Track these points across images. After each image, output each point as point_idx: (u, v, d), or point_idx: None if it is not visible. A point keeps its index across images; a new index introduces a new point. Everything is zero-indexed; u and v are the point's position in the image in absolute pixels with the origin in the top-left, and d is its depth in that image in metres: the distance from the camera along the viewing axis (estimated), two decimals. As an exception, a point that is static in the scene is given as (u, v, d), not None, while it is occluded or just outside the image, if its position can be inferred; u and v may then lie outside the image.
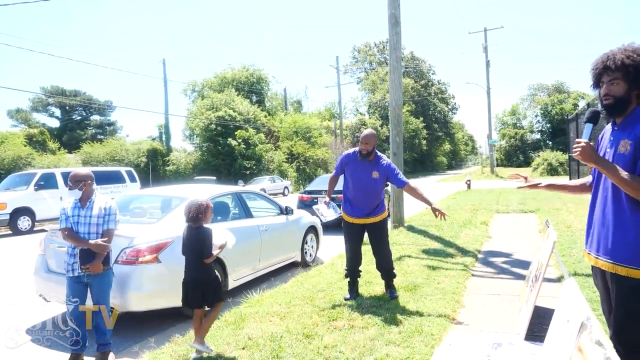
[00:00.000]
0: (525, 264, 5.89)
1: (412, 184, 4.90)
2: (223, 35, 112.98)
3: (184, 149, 36.62)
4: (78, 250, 3.69)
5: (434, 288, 5.14)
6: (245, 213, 6.20)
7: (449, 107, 71.47)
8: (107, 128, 52.31)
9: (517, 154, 59.58)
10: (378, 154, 4.94)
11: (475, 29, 38.84)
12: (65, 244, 3.87)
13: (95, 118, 52.73)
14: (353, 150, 5.02)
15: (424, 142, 59.35)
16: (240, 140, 31.27)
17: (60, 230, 3.79)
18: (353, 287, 5.01)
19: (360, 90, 65.29)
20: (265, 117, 37.48)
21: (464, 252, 7.15)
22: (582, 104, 41.14)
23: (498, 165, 43.40)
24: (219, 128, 31.49)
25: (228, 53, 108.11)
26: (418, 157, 60.06)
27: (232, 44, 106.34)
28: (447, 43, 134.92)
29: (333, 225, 9.14)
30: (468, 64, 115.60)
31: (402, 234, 9.04)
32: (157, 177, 31.48)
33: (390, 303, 4.64)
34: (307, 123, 39.15)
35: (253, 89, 40.46)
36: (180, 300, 3.87)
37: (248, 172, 30.77)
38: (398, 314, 4.29)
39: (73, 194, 3.80)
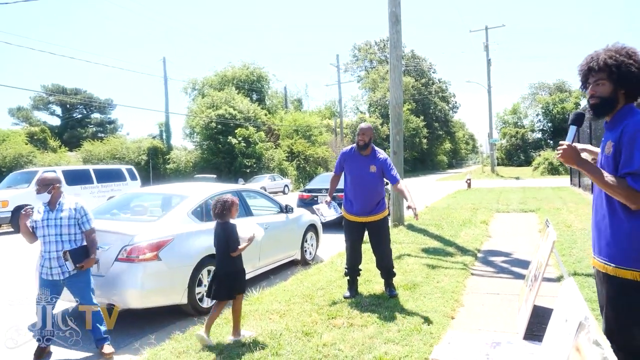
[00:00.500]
0: (525, 264, 5.90)
1: (402, 184, 4.89)
2: (223, 34, 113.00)
3: (184, 147, 36.64)
4: (62, 251, 3.81)
5: (434, 287, 5.16)
6: (246, 211, 6.20)
7: (450, 105, 71.41)
8: (107, 126, 52.37)
9: (518, 153, 59.49)
10: (375, 148, 4.94)
11: (476, 28, 38.85)
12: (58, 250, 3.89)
13: (96, 116, 52.76)
14: (350, 147, 5.04)
15: (425, 141, 59.29)
16: (241, 139, 31.27)
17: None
18: (353, 285, 5.02)
19: (361, 89, 65.27)
20: (266, 115, 37.46)
21: (464, 251, 7.16)
22: (583, 103, 41.09)
23: (499, 165, 43.42)
24: (219, 126, 31.49)
25: (228, 51, 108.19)
26: (418, 156, 60.01)
27: (232, 43, 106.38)
28: (447, 41, 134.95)
29: (333, 224, 9.15)
30: (469, 63, 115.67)
31: (401, 233, 9.05)
32: (157, 175, 31.50)
33: (390, 301, 4.66)
34: (307, 121, 39.12)
35: (253, 87, 40.42)
36: (207, 294, 4.00)
37: (248, 170, 30.77)
38: (397, 313, 4.30)
39: (41, 198, 3.88)
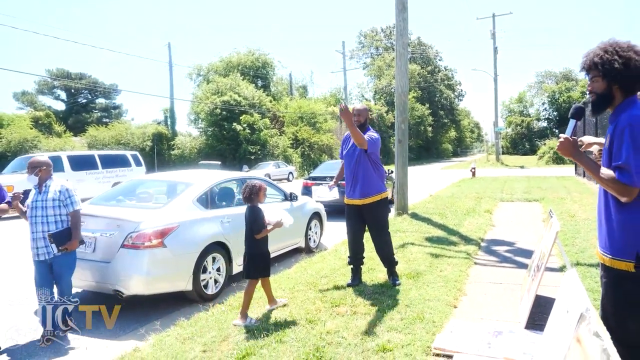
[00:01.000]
0: (528, 253, 5.92)
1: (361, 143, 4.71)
2: (229, 20, 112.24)
3: (189, 134, 36.64)
4: (47, 234, 3.96)
5: (437, 276, 5.18)
6: (250, 199, 6.22)
7: (455, 93, 71.00)
8: (112, 111, 52.40)
9: (523, 142, 59.20)
10: (369, 128, 4.96)
11: (484, 15, 38.39)
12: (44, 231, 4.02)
13: (101, 101, 52.79)
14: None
15: (430, 129, 59.07)
16: (245, 125, 31.21)
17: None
18: (356, 273, 5.05)
19: (366, 76, 64.90)
20: (271, 102, 37.32)
21: (467, 240, 7.18)
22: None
23: (504, 153, 43.24)
24: (224, 113, 31.43)
25: (234, 37, 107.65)
26: (423, 144, 59.82)
27: (238, 29, 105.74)
28: (454, 29, 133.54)
29: (337, 212, 9.18)
30: (475, 51, 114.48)
31: (405, 222, 9.07)
32: (162, 161, 31.55)
33: (393, 290, 4.69)
34: (312, 108, 38.94)
35: (258, 74, 40.20)
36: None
37: (253, 157, 30.77)
38: (400, 301, 4.33)
39: (31, 180, 4.11)
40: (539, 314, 3.76)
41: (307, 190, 11.07)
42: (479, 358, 3.19)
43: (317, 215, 7.74)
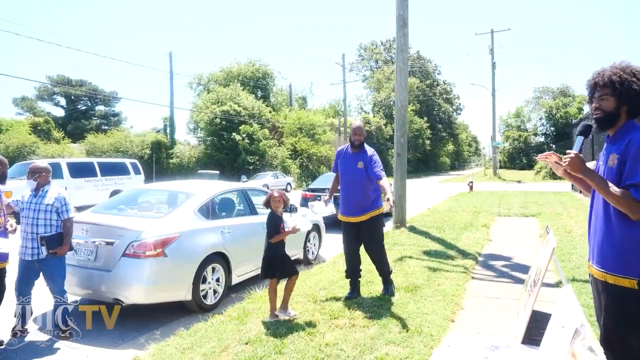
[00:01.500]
0: (525, 268, 5.97)
1: (382, 182, 4.82)
2: (230, 30, 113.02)
3: (187, 142, 36.73)
4: (38, 236, 4.11)
5: (434, 289, 5.23)
6: (250, 210, 6.28)
7: (454, 107, 71.37)
8: (111, 119, 52.49)
9: (520, 157, 59.51)
10: (364, 145, 4.99)
11: (482, 31, 38.78)
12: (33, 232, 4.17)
13: (100, 108, 52.88)
14: (345, 146, 5.13)
15: (428, 142, 59.29)
16: (245, 135, 31.34)
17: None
18: (354, 286, 5.09)
19: (366, 89, 65.34)
20: (270, 112, 37.50)
21: (465, 254, 7.23)
22: (587, 109, 41.00)
23: (501, 168, 43.46)
24: (224, 122, 31.57)
25: (234, 48, 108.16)
26: (421, 157, 60.01)
27: (239, 39, 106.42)
28: (453, 43, 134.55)
29: (335, 224, 9.22)
30: (474, 65, 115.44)
31: (403, 235, 9.12)
32: (160, 169, 31.56)
33: (391, 303, 4.73)
34: (311, 120, 39.10)
35: (258, 84, 40.44)
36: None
37: (251, 167, 30.83)
38: (398, 314, 4.37)
39: (30, 184, 4.30)
40: (535, 329, 3.80)
41: (306, 202, 11.13)
42: (476, 372, 3.23)
43: (315, 227, 7.78)
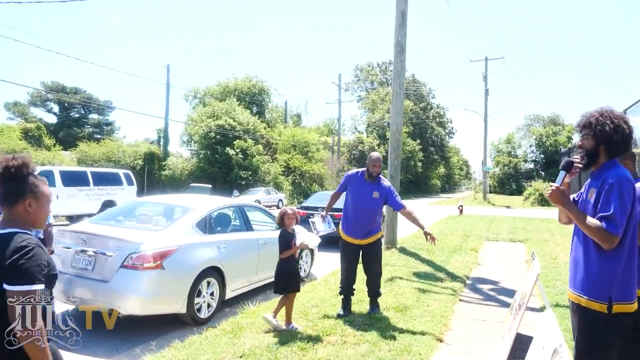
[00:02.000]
0: (511, 293, 6.14)
1: (408, 208, 5.18)
2: (228, 46, 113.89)
3: (180, 154, 36.74)
4: None
5: (424, 310, 5.37)
6: (247, 226, 6.42)
7: (446, 131, 72.14)
8: (104, 128, 52.46)
9: (510, 182, 60.11)
10: (380, 176, 5.27)
11: (477, 58, 39.54)
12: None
13: (94, 117, 52.88)
14: (357, 171, 5.34)
15: (420, 164, 59.76)
16: (238, 150, 31.47)
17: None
18: (347, 304, 5.24)
19: (360, 109, 65.92)
20: (265, 128, 37.72)
21: (454, 277, 7.39)
22: (576, 138, 41.79)
23: (491, 192, 43.95)
24: (218, 136, 31.71)
25: (232, 63, 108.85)
26: (413, 178, 60.38)
27: (237, 55, 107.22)
28: (448, 68, 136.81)
29: (327, 242, 9.36)
30: (467, 91, 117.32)
31: (394, 256, 9.26)
32: (152, 181, 31.50)
33: (381, 322, 4.87)
34: (305, 138, 39.36)
35: (254, 100, 40.74)
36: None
37: (244, 182, 30.91)
38: (388, 333, 4.51)
39: None
40: (519, 351, 3.95)
41: (302, 220, 11.19)
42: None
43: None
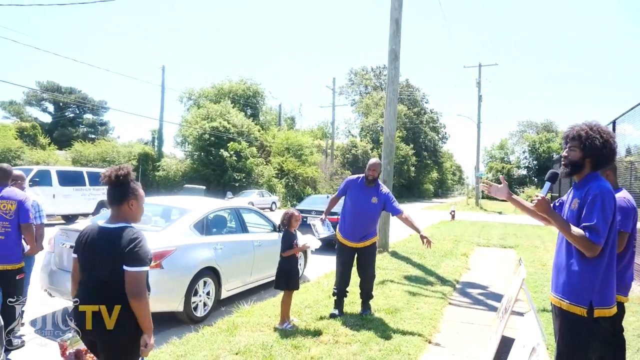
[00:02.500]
0: (499, 297, 6.32)
1: (405, 214, 5.34)
2: (223, 46, 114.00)
3: (174, 155, 36.77)
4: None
5: (413, 313, 5.54)
6: (242, 228, 6.56)
7: (440, 136, 72.60)
8: (99, 127, 52.27)
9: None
10: (378, 182, 5.44)
11: (471, 64, 39.92)
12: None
13: (88, 117, 52.69)
14: (357, 176, 5.51)
15: (413, 168, 60.11)
16: (232, 152, 31.60)
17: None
18: (339, 305, 5.39)
19: (354, 113, 66.22)
20: (259, 131, 37.87)
21: (444, 281, 7.56)
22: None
23: (483, 198, 44.26)
24: (212, 138, 31.82)
25: (227, 65, 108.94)
26: (405, 183, 60.70)
27: (232, 58, 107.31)
28: (441, 74, 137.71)
29: (320, 245, 9.49)
30: (461, 96, 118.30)
31: (385, 259, 9.43)
32: (146, 181, 31.47)
33: (372, 323, 5.02)
34: (299, 141, 39.53)
35: (249, 102, 40.87)
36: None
37: (237, 184, 31.01)
38: (379, 333, 4.66)
39: None
40: (504, 353, 4.10)
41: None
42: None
43: (302, 248, 8.04)
